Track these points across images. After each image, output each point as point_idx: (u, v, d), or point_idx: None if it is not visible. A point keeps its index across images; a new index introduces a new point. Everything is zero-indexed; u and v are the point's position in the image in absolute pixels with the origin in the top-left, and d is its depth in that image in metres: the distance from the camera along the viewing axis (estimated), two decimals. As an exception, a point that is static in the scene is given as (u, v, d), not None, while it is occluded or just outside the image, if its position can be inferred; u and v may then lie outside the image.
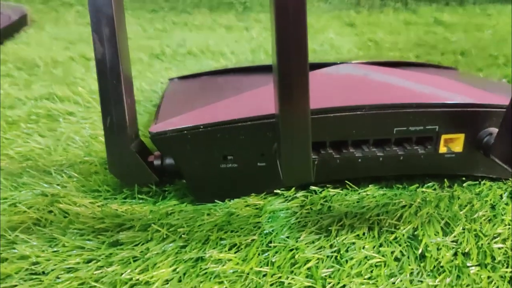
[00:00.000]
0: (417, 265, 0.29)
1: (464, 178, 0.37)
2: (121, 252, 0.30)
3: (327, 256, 0.30)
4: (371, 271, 0.28)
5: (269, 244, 0.31)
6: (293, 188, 0.36)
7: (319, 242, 0.31)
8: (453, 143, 0.35)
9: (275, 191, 0.36)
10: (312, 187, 0.36)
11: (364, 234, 0.32)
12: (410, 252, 0.30)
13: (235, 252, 0.30)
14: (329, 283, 0.27)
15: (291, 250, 0.30)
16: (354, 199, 0.35)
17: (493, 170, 0.37)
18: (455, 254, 0.30)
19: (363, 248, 0.30)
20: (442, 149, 0.35)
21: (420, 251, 0.30)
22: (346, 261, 0.29)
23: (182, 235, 0.31)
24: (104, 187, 0.36)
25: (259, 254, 0.30)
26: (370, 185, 0.37)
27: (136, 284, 0.28)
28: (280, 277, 0.28)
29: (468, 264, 0.29)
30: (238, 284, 0.28)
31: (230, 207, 0.35)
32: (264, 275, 0.28)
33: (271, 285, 0.28)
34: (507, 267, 0.28)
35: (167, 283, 0.28)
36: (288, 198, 0.36)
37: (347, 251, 0.30)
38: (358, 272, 0.28)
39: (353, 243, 0.31)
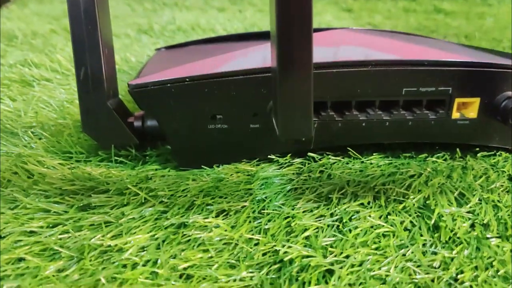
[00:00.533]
0: (429, 236, 0.25)
1: (477, 149, 0.34)
2: (92, 216, 0.26)
3: (328, 225, 0.26)
4: (379, 241, 0.25)
5: (262, 211, 0.27)
6: (289, 155, 0.33)
7: (318, 211, 0.27)
8: (467, 109, 0.32)
9: (269, 157, 0.32)
10: (310, 154, 0.33)
11: (369, 203, 0.28)
12: (421, 222, 0.26)
13: (223, 219, 0.26)
14: (331, 253, 0.24)
15: (287, 218, 0.27)
16: (357, 167, 0.32)
17: (509, 140, 0.33)
18: (472, 225, 0.26)
19: (369, 217, 0.27)
20: (455, 114, 0.32)
21: (432, 221, 0.26)
22: (350, 230, 0.26)
23: (163, 200, 0.28)
24: (77, 148, 0.32)
25: (250, 221, 0.26)
26: (374, 154, 0.33)
27: (107, 251, 0.24)
28: (274, 246, 0.24)
29: (488, 236, 0.25)
30: (225, 252, 0.24)
31: (218, 173, 0.31)
32: (256, 244, 0.25)
33: (264, 254, 0.24)
34: (531, 240, 0.25)
35: (143, 250, 0.24)
36: (283, 165, 0.32)
37: (350, 220, 0.27)
38: (364, 242, 0.25)
39: (357, 212, 0.27)
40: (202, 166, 0.32)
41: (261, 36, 0.45)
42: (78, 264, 0.23)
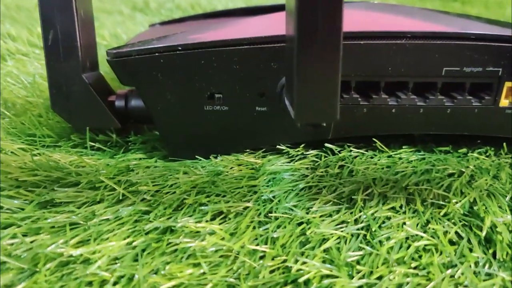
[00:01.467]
0: (481, 252, 0.20)
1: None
2: (55, 216, 0.21)
3: (352, 235, 0.21)
4: (419, 257, 0.19)
5: (269, 215, 0.22)
6: (302, 146, 0.27)
7: (339, 215, 0.22)
8: (518, 95, 0.26)
9: (277, 147, 0.27)
10: (328, 145, 0.27)
11: (401, 207, 0.23)
12: (469, 233, 0.21)
13: (220, 223, 0.21)
14: (358, 272, 0.18)
15: (300, 224, 0.21)
16: (384, 162, 0.26)
17: None
18: (533, 239, 0.21)
19: (404, 225, 0.21)
20: (503, 102, 0.26)
21: (484, 233, 0.21)
22: (380, 242, 0.20)
23: (145, 197, 0.22)
24: (44, 131, 0.27)
25: (254, 227, 0.21)
26: (403, 147, 0.28)
27: (69, 262, 0.18)
28: (285, 261, 0.19)
29: (556, 254, 0.20)
30: (222, 268, 0.18)
31: (216, 165, 0.25)
32: (261, 257, 0.19)
33: (272, 271, 0.19)
34: None
35: (116, 263, 0.19)
36: (295, 158, 0.27)
37: (380, 228, 0.21)
38: (400, 259, 0.19)
39: (388, 218, 0.22)
40: (197, 156, 0.26)
41: (271, 10, 0.40)
42: (30, 279, 0.18)
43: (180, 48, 0.23)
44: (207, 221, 0.21)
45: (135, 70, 0.24)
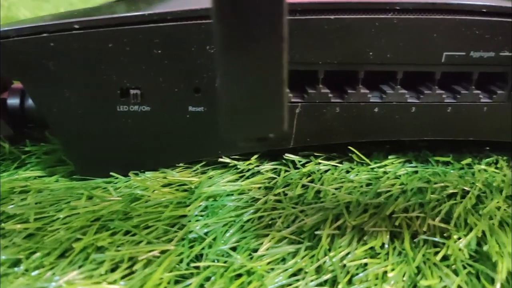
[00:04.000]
0: (497, 321, 0.14)
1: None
2: None
3: (312, 293, 0.14)
4: (406, 336, 0.13)
5: (196, 262, 0.15)
6: (254, 157, 0.21)
7: (296, 261, 0.15)
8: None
9: (219, 159, 0.20)
10: (288, 156, 0.21)
11: (383, 246, 0.16)
12: (478, 289, 0.15)
13: (122, 277, 0.15)
14: None
15: (239, 276, 0.15)
16: (363, 179, 0.20)
17: None
18: None
19: (383, 277, 0.15)
20: (521, 97, 0.20)
21: (498, 286, 0.14)
22: (351, 306, 0.14)
23: (17, 241, 0.15)
24: None
25: (169, 283, 0.14)
26: (389, 157, 0.21)
27: None
28: None
29: None
30: None
31: (135, 185, 0.19)
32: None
33: None
34: None
35: None
36: (245, 173, 0.20)
37: (350, 283, 0.15)
38: (378, 338, 0.13)
39: (363, 266, 0.15)
40: (112, 174, 0.20)
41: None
42: None
43: (77, 27, 0.17)
44: (101, 275, 0.14)
45: (17, 57, 0.17)
